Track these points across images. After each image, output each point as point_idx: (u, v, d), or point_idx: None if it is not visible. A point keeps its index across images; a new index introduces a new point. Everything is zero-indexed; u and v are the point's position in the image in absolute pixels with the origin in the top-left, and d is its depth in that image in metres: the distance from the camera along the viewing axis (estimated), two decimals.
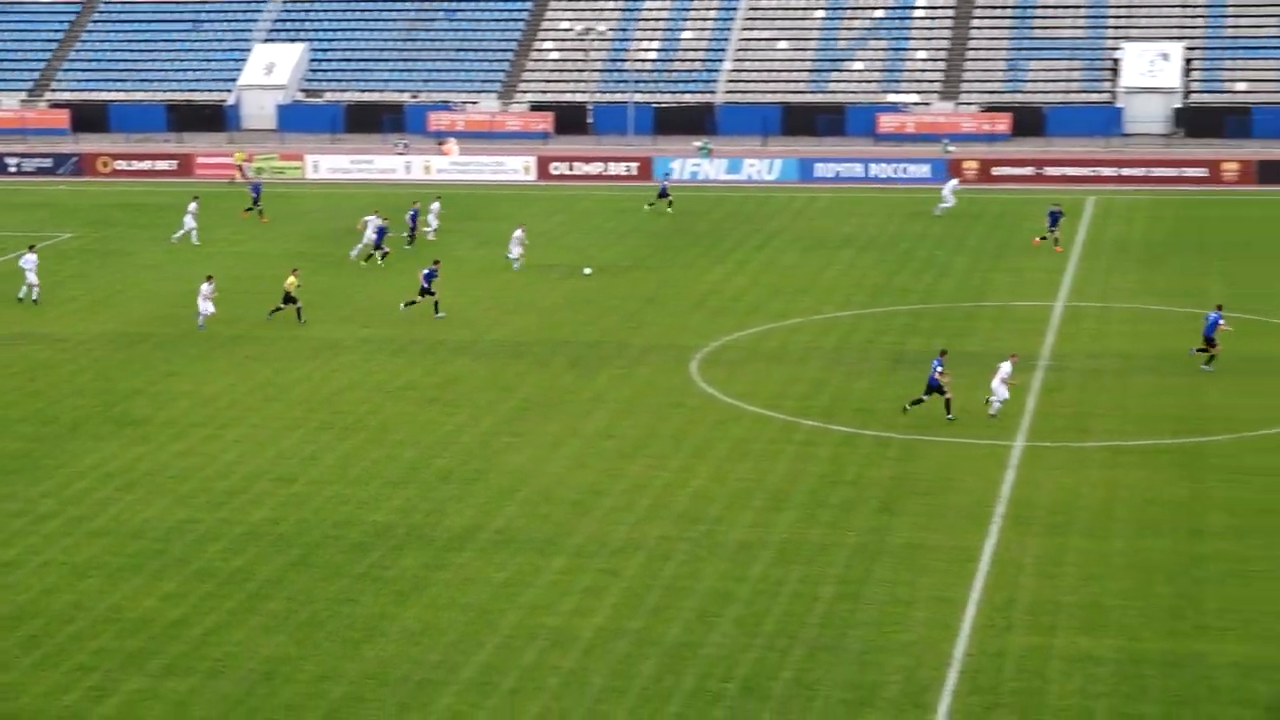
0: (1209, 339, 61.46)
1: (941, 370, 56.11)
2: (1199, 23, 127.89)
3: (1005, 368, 56.16)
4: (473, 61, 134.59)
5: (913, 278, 79.17)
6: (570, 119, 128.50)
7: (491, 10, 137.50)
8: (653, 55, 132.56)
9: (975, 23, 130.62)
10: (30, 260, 75.65)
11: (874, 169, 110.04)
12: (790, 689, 37.11)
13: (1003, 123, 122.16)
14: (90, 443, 55.21)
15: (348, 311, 73.05)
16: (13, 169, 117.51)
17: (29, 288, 75.29)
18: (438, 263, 74.45)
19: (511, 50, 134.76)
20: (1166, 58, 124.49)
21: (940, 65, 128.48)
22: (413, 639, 39.93)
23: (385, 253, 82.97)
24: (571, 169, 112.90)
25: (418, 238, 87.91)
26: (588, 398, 59.95)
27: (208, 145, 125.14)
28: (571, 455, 53.47)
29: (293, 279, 71.57)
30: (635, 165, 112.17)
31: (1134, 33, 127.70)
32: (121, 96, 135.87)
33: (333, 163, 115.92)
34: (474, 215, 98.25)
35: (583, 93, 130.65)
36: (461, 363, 64.69)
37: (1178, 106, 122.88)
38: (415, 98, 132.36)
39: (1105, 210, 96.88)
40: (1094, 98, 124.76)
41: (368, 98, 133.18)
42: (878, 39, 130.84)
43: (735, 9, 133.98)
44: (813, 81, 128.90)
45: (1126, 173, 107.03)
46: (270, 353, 66.39)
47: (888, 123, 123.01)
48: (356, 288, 77.74)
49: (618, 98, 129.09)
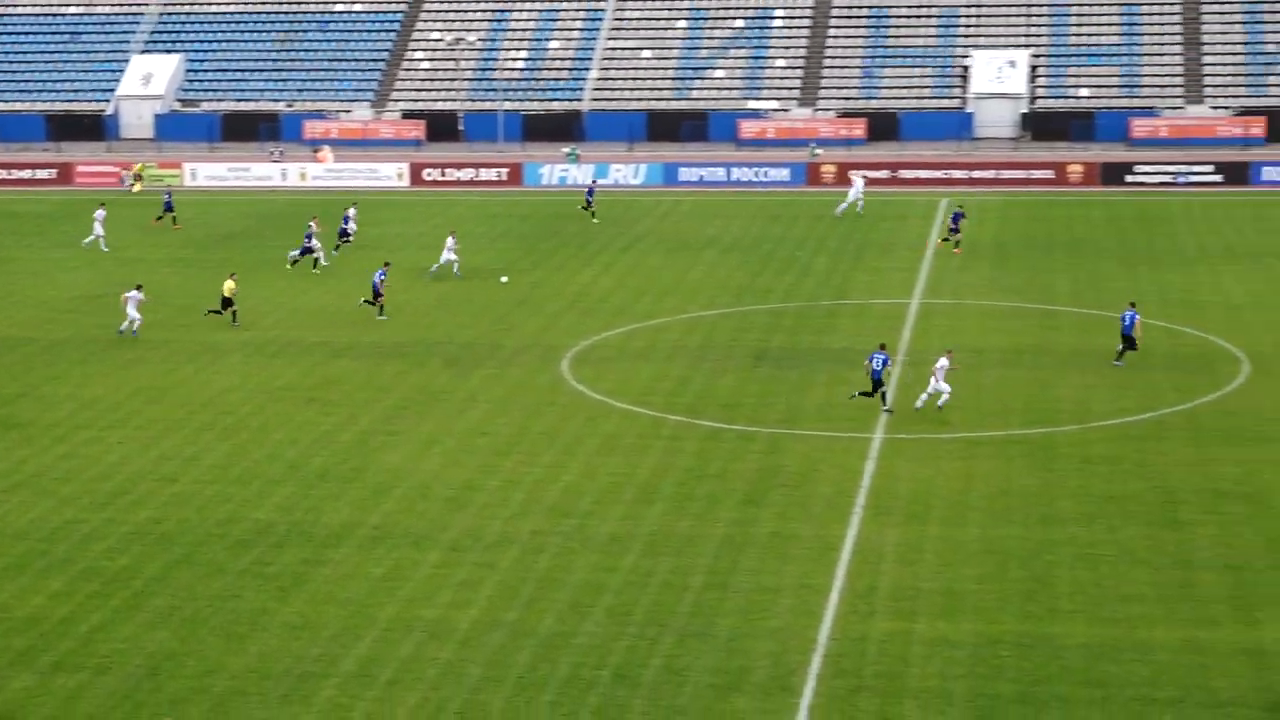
0: (1128, 337, 61.64)
1: (885, 365, 56.14)
2: (1044, 32, 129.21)
3: (943, 363, 55.84)
4: (346, 71, 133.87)
5: (775, 277, 79.46)
6: (442, 126, 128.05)
7: (363, 21, 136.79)
8: (521, 64, 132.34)
9: (832, 32, 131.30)
10: None
11: (736, 173, 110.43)
12: (661, 675, 37.12)
13: (859, 128, 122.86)
14: None
15: (227, 316, 72.26)
16: None
17: None
18: (388, 264, 74.09)
19: (384, 60, 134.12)
20: (1014, 65, 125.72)
21: (798, 73, 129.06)
22: (294, 633, 39.63)
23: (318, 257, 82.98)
24: (444, 175, 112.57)
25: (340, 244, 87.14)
26: (462, 397, 59.75)
27: (87, 155, 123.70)
28: (446, 453, 53.27)
29: (230, 283, 70.95)
30: (505, 171, 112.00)
31: (982, 41, 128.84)
32: (0, 107, 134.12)
33: (210, 170, 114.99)
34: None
35: (454, 101, 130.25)
36: (340, 364, 64.30)
37: (1025, 111, 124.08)
38: (290, 107, 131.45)
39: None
40: (945, 103, 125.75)
41: (244, 107, 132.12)
42: (738, 48, 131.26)
43: (600, 19, 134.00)
44: (676, 89, 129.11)
45: (977, 175, 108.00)
46: (152, 356, 65.71)
47: (749, 128, 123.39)
48: (242, 290, 76.97)
49: (488, 106, 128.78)
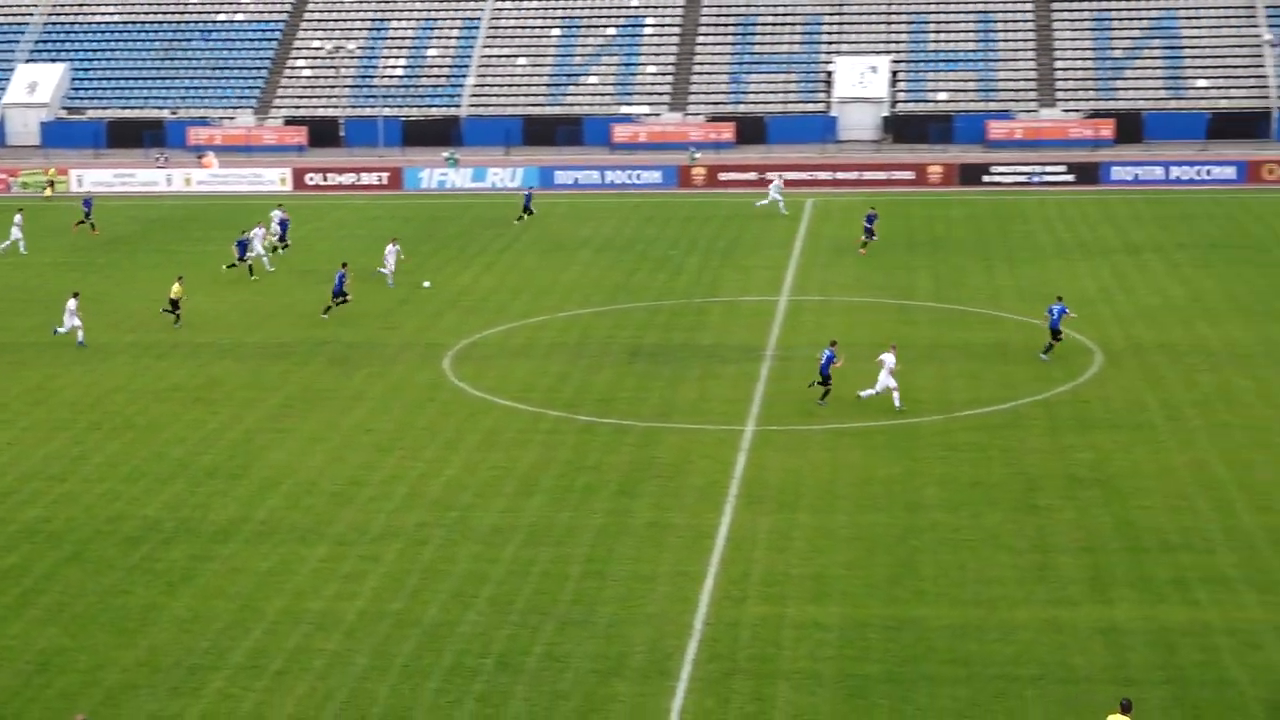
0: (1055, 330, 61.84)
1: (834, 360, 56.16)
2: (903, 38, 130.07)
3: (889, 359, 55.55)
4: (229, 79, 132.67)
5: (648, 276, 79.50)
6: (323, 132, 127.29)
7: (246, 30, 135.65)
8: (400, 72, 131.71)
9: (700, 39, 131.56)
10: None
11: (610, 175, 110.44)
12: (543, 662, 37.06)
13: (727, 131, 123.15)
14: None
15: (115, 318, 71.52)
16: None
17: None
18: (345, 265, 73.49)
19: (266, 68, 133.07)
20: (875, 70, 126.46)
21: (669, 79, 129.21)
22: (183, 627, 39.25)
23: (286, 245, 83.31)
24: (326, 179, 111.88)
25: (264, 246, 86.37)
26: (346, 395, 59.36)
27: None
28: (331, 449, 52.92)
29: (177, 286, 70.23)
30: (386, 175, 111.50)
31: (845, 48, 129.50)
32: None
33: (96, 177, 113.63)
34: (233, 225, 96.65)
35: (335, 107, 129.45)
36: (225, 364, 63.72)
37: (886, 115, 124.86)
38: (175, 114, 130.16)
39: (823, 211, 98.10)
40: (810, 107, 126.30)
41: (129, 114, 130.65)
42: (610, 55, 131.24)
43: (477, 28, 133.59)
44: (551, 95, 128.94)
45: (841, 176, 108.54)
46: (39, 358, 64.84)
47: (621, 132, 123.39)
48: (124, 294, 76.19)
49: (368, 112, 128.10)
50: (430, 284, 77.11)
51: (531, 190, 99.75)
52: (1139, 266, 79.49)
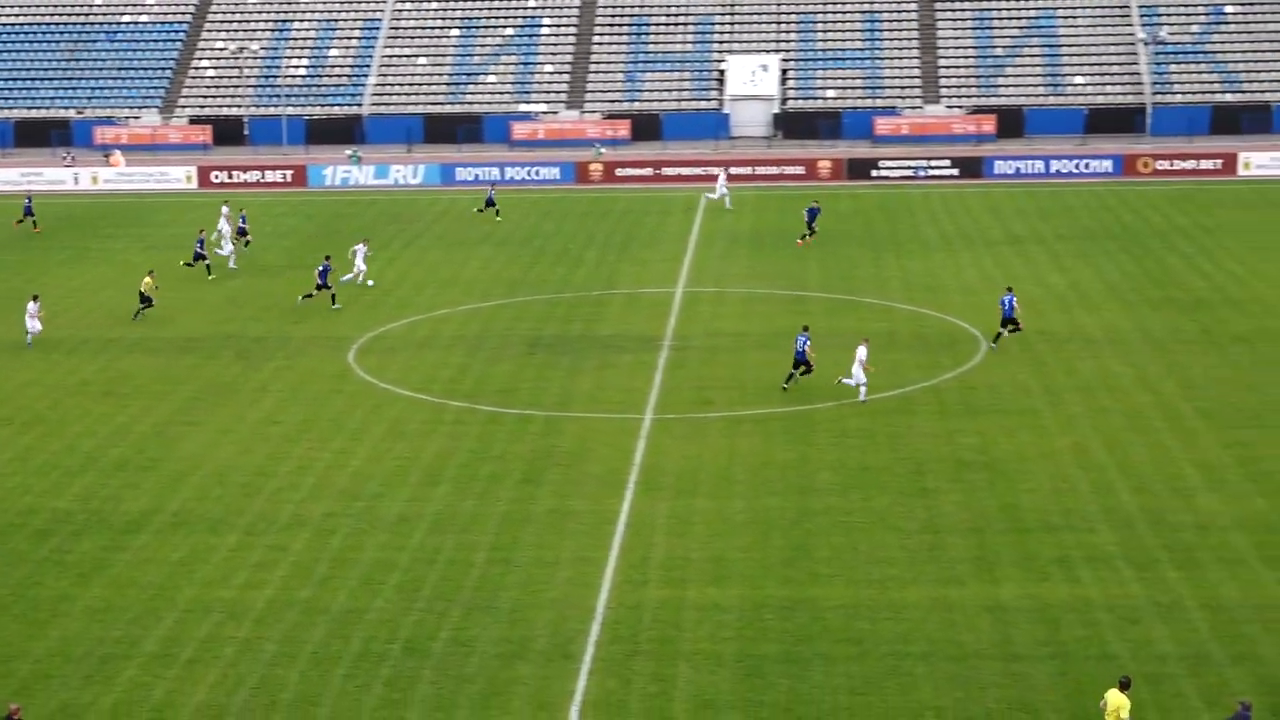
0: (1010, 319, 61.90)
1: (808, 345, 56.11)
2: (793, 37, 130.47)
3: (861, 352, 55.16)
4: (134, 79, 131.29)
5: (548, 269, 79.39)
6: (228, 131, 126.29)
7: (150, 31, 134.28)
8: (303, 71, 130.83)
9: (596, 38, 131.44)
10: None
11: (509, 172, 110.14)
12: (449, 647, 36.99)
13: (623, 128, 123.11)
14: None
15: (25, 315, 70.66)
16: None
17: None
18: (329, 258, 73.00)
19: (170, 68, 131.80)
20: (766, 68, 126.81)
21: (566, 77, 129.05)
22: (95, 617, 38.91)
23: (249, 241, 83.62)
24: (231, 177, 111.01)
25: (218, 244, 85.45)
26: (254, 387, 58.97)
27: None
28: (240, 441, 52.56)
29: (149, 280, 69.66)
30: (290, 173, 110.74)
31: (737, 47, 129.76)
32: None
33: (3, 176, 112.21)
34: (140, 222, 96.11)
35: (239, 107, 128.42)
36: (134, 359, 63.13)
37: (777, 112, 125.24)
38: (81, 113, 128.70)
39: (717, 205, 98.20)
40: (703, 104, 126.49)
41: (35, 114, 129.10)
42: (509, 54, 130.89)
43: (378, 28, 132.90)
44: (451, 93, 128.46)
45: (734, 171, 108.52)
46: None
47: (520, 130, 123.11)
48: (34, 291, 75.27)
49: (272, 111, 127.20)
50: (373, 283, 76.55)
51: (494, 186, 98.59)
52: (1021, 257, 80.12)
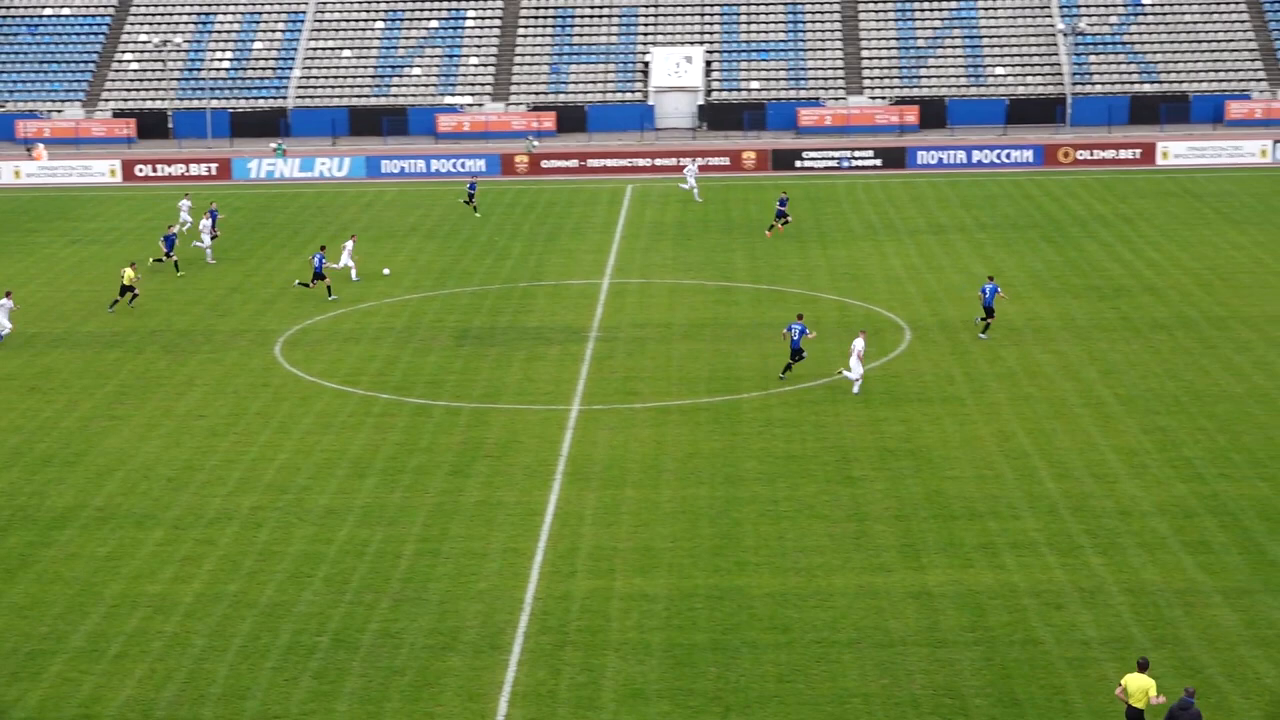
0: (989, 308, 62.17)
1: (804, 333, 56.06)
2: (716, 29, 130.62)
3: (858, 344, 54.82)
4: (57, 72, 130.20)
5: (475, 261, 79.18)
6: (152, 124, 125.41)
7: (72, 24, 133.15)
8: (227, 64, 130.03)
9: (521, 31, 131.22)
10: None
11: (435, 164, 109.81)
12: (378, 639, 36.86)
13: (548, 120, 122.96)
14: None
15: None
16: None
17: None
18: (324, 248, 72.95)
19: (93, 61, 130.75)
20: (690, 60, 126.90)
21: (491, 70, 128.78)
22: (21, 613, 38.55)
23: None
24: (155, 171, 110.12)
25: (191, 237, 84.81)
26: (180, 381, 58.57)
27: None
28: (166, 435, 52.20)
29: (130, 271, 69.16)
30: (215, 166, 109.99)
31: (661, 39, 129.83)
32: None
33: None
34: (64, 215, 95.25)
35: (163, 100, 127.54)
36: (59, 353, 62.57)
37: (701, 103, 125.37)
38: (3, 107, 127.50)
39: (642, 196, 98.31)
40: (628, 97, 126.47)
41: None
42: (433, 47, 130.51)
43: (302, 21, 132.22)
44: (376, 86, 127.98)
45: (659, 163, 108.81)
46: None
47: (446, 122, 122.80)
48: None
49: (196, 104, 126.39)
50: (389, 271, 76.33)
51: (476, 180, 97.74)
52: (944, 246, 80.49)
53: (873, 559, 40.84)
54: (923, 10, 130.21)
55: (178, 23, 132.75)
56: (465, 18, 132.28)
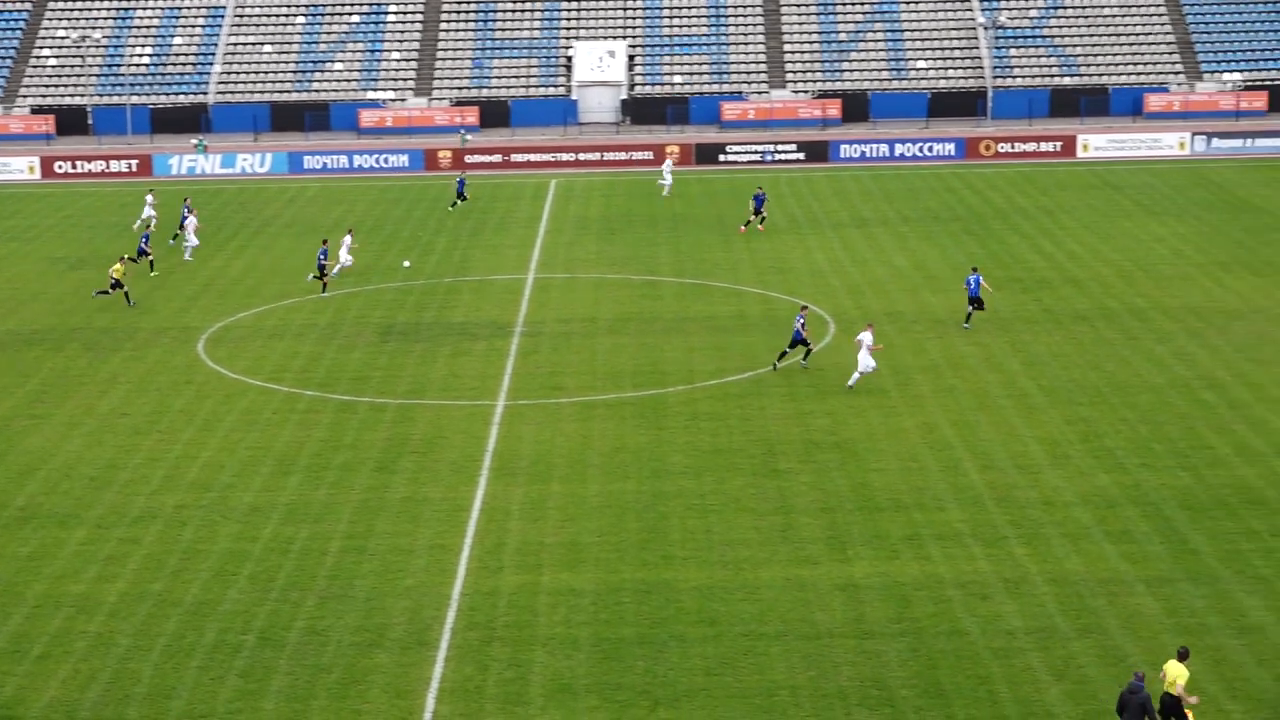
0: (975, 299, 62.33)
1: (804, 325, 56.17)
2: (639, 24, 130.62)
3: (866, 338, 54.74)
4: None
5: (399, 257, 78.86)
6: (71, 121, 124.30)
7: None
8: (147, 60, 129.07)
9: (443, 26, 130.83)
10: None
11: (358, 160, 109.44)
12: (304, 637, 36.73)
13: (472, 115, 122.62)
14: None
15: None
16: None
17: None
18: (326, 241, 72.72)
19: (10, 57, 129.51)
20: (613, 55, 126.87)
21: (413, 65, 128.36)
22: None
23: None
24: (75, 168, 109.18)
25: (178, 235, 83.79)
26: (102, 379, 58.14)
27: None
28: (89, 434, 51.81)
29: (119, 266, 68.91)
30: (135, 162, 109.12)
31: (583, 33, 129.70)
32: None
33: None
34: None
35: (82, 96, 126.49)
36: None
37: (624, 98, 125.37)
38: None
39: (566, 191, 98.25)
40: (551, 91, 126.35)
41: None
42: (355, 41, 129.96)
43: (222, 16, 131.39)
44: (298, 81, 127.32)
45: (583, 157, 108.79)
46: None
47: (368, 118, 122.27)
48: None
49: (116, 100, 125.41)
50: (409, 264, 76.07)
51: (465, 176, 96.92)
52: (867, 240, 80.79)
53: (799, 552, 40.98)
54: (844, 4, 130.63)
55: (96, 18, 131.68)
56: (387, 12, 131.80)
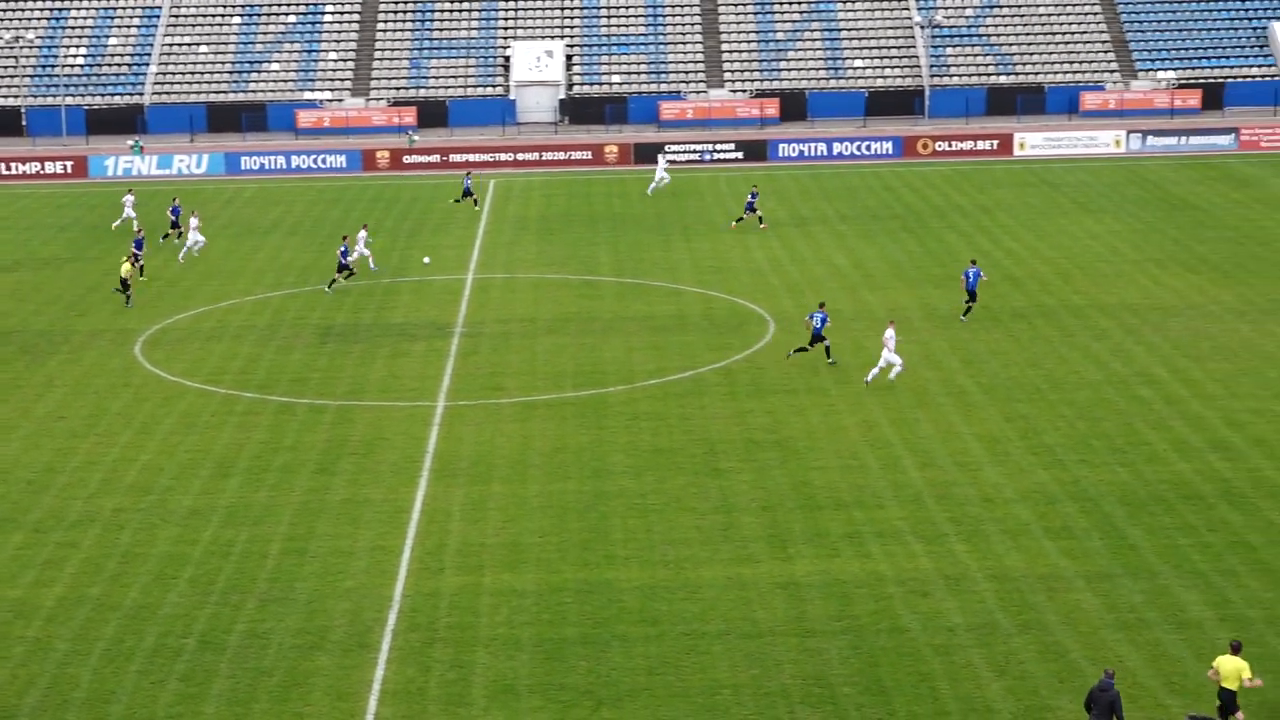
0: (972, 292, 62.62)
1: (825, 322, 56.37)
2: (577, 24, 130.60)
3: (889, 334, 54.62)
4: None
5: (335, 260, 78.48)
6: (5, 122, 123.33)
7: None
8: (81, 60, 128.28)
9: (380, 26, 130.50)
10: None
11: (295, 160, 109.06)
12: (245, 640, 36.58)
13: (409, 116, 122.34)
14: None
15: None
16: None
17: None
18: (347, 238, 72.35)
19: None
20: (551, 55, 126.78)
21: (350, 65, 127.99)
22: None
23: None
24: (8, 169, 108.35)
25: (170, 234, 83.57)
26: (38, 382, 57.74)
27: None
28: (25, 437, 51.45)
29: (127, 265, 68.85)
30: (70, 164, 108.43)
31: (521, 33, 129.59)
32: None
33: None
34: None
35: (15, 97, 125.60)
36: None
37: (563, 98, 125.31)
38: None
39: (505, 191, 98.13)
40: (490, 91, 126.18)
41: None
42: (292, 41, 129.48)
43: (158, 16, 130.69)
44: (234, 82, 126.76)
45: (521, 157, 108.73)
46: None
47: (306, 118, 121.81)
48: None
49: (50, 101, 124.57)
50: (429, 260, 75.82)
51: (471, 174, 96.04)
52: (806, 238, 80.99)
53: (740, 550, 41.06)
54: (782, 3, 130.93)
55: (30, 18, 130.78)
56: (324, 12, 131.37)
